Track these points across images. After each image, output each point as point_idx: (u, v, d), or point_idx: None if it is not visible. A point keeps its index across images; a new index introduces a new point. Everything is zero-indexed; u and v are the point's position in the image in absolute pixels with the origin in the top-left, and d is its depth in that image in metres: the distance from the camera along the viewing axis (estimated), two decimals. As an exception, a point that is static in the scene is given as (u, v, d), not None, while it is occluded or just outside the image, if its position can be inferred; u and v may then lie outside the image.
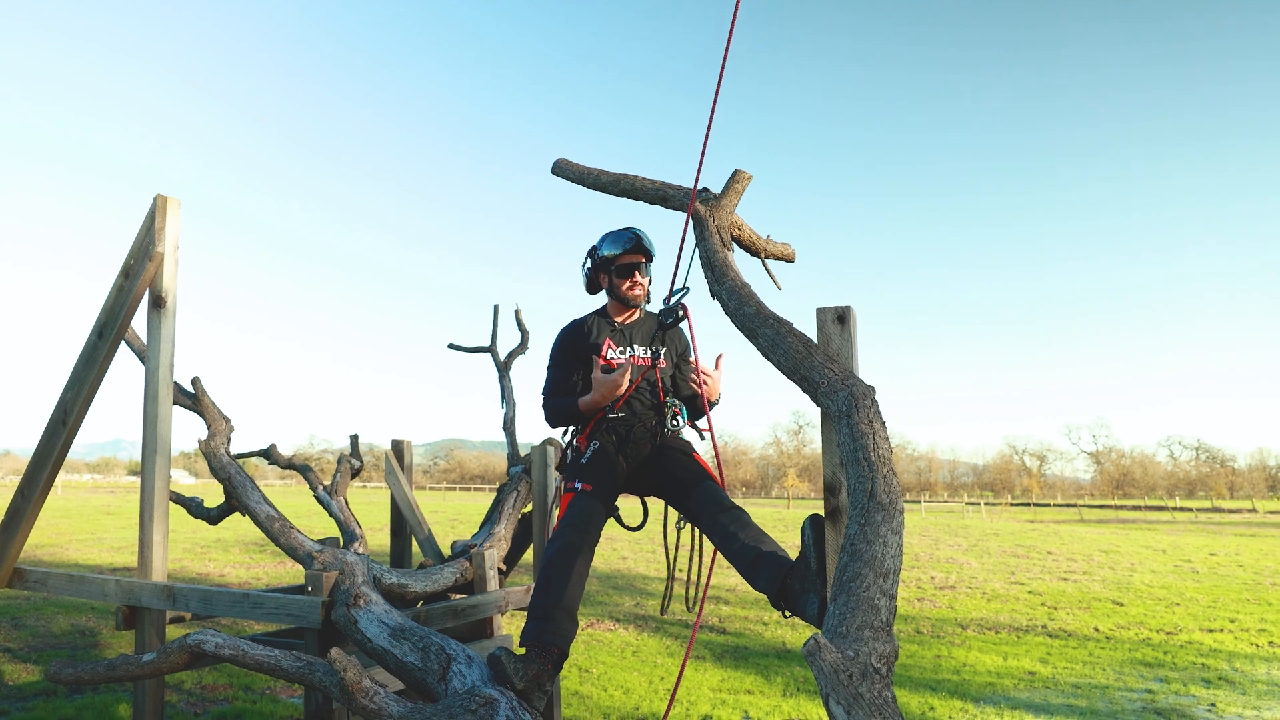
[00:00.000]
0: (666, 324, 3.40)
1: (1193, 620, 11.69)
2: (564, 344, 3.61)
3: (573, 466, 3.39)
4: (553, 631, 2.98)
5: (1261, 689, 7.90)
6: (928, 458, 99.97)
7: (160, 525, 4.47)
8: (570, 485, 3.26)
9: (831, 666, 1.83)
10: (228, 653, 3.13)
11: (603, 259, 3.63)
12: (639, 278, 3.60)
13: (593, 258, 3.69)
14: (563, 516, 3.16)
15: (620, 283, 3.61)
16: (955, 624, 11.28)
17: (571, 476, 3.33)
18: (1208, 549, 23.22)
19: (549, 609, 3.01)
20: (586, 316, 3.68)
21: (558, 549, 3.08)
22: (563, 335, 3.64)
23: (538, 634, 2.97)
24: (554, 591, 3.02)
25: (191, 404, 5.04)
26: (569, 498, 3.22)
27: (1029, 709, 7.06)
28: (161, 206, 4.59)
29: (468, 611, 4.48)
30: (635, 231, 3.61)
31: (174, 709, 6.61)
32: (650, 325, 3.71)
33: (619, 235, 3.60)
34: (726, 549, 3.09)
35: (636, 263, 3.59)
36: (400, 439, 6.20)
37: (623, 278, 3.60)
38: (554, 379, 3.57)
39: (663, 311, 3.41)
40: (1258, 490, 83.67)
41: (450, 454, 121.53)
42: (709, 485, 3.30)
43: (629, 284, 3.60)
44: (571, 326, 3.66)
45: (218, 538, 20.26)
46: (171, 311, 4.61)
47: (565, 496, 3.26)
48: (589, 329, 3.61)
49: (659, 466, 3.42)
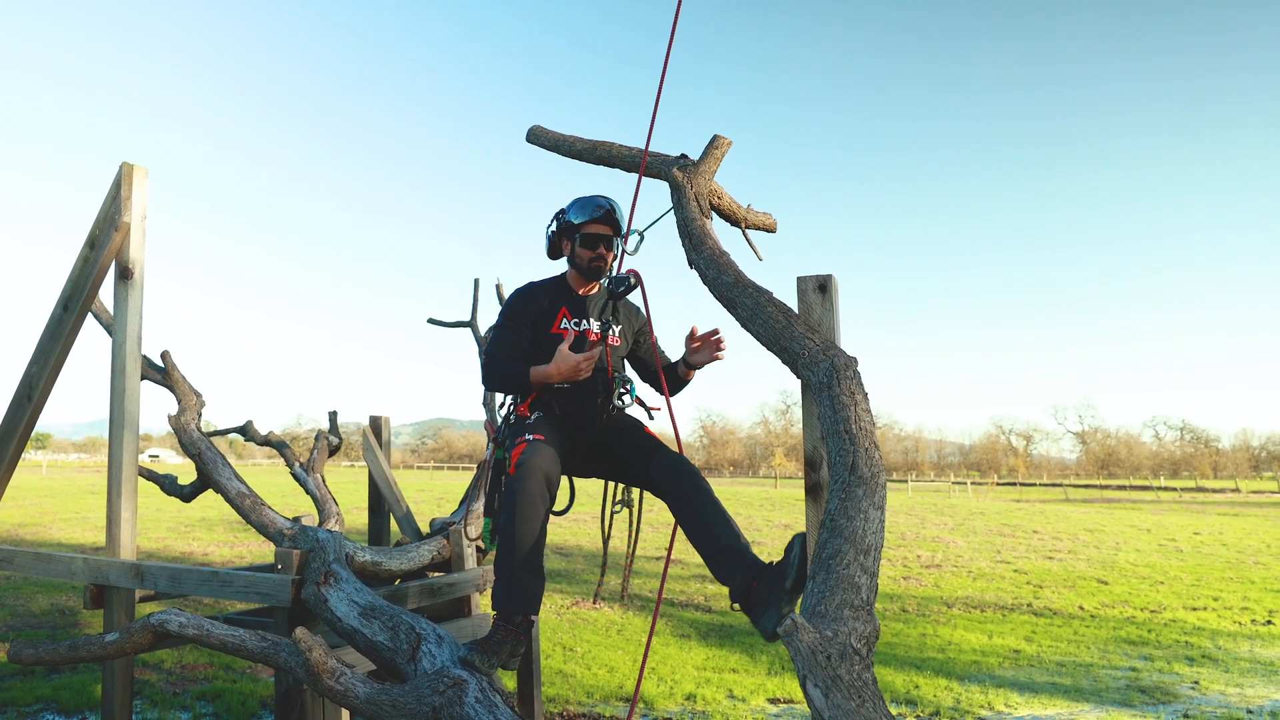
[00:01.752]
0: (618, 292, 3.26)
1: (1176, 599, 11.74)
2: (517, 306, 3.38)
3: (515, 429, 3.20)
4: (521, 598, 2.89)
5: (1244, 666, 7.91)
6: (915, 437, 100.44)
7: (128, 502, 4.36)
8: (519, 439, 3.04)
9: (809, 647, 1.75)
10: (192, 632, 3.04)
11: (568, 224, 3.40)
12: (603, 250, 3.37)
13: (558, 221, 3.46)
14: (516, 467, 2.95)
15: (584, 253, 3.38)
16: (941, 602, 11.29)
17: (516, 435, 3.13)
18: (1192, 528, 23.37)
19: (516, 572, 2.90)
20: (543, 281, 3.48)
21: (517, 500, 2.90)
22: (517, 296, 3.42)
23: (506, 601, 2.89)
24: (518, 549, 2.89)
25: (161, 378, 4.92)
26: (521, 448, 3.00)
27: (1014, 687, 7.05)
28: (128, 175, 4.44)
29: (444, 590, 4.40)
30: (609, 201, 3.39)
31: (153, 688, 6.53)
32: (614, 308, 3.52)
33: (589, 201, 3.38)
34: (688, 527, 2.99)
35: (603, 234, 3.36)
36: (379, 415, 6.09)
37: (587, 248, 3.37)
38: (502, 340, 3.33)
39: (612, 280, 3.27)
40: (1241, 470, 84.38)
41: (438, 433, 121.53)
42: (668, 451, 3.18)
43: (592, 255, 3.37)
44: (527, 288, 3.44)
45: (202, 516, 20.14)
46: (139, 283, 4.48)
47: (515, 450, 3.01)
48: (545, 294, 3.40)
49: (610, 441, 3.28)
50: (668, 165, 3.31)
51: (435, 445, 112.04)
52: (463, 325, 6.42)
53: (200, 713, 6.01)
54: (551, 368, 3.13)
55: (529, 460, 2.93)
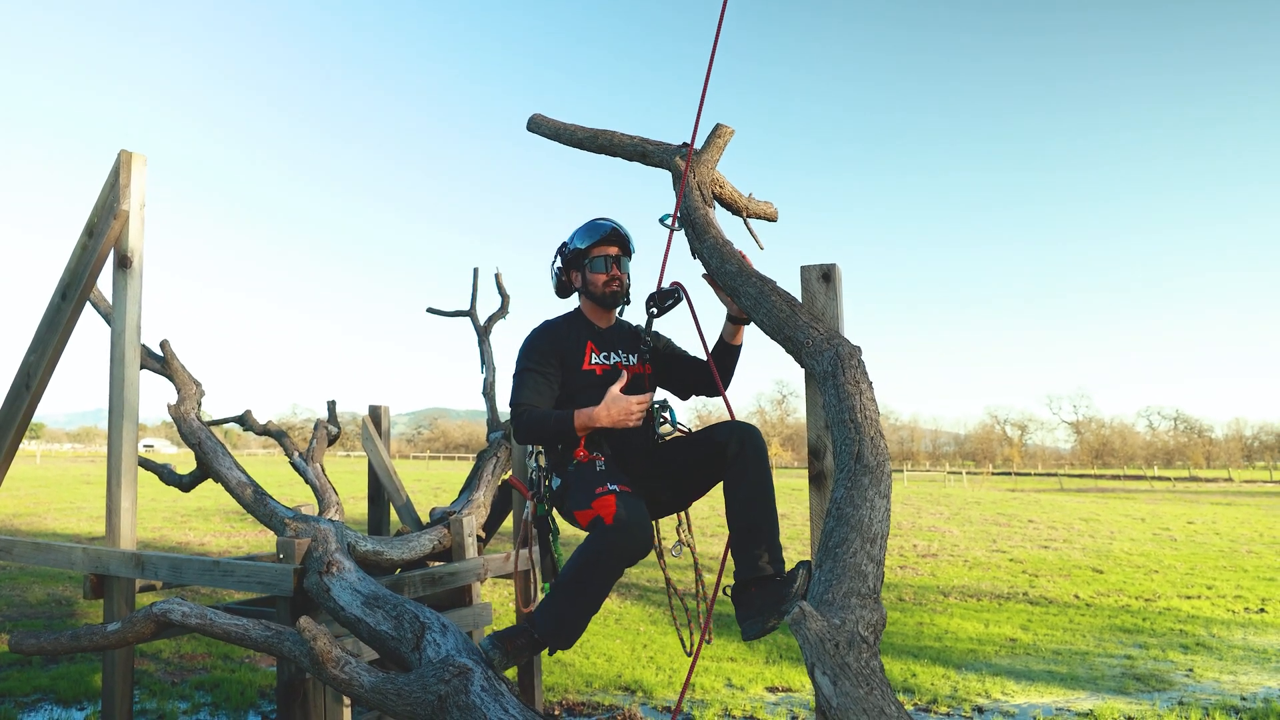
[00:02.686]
0: (666, 306, 3.06)
1: (1171, 587, 11.80)
2: (540, 345, 3.06)
3: (584, 478, 2.85)
4: (569, 636, 2.76)
5: (1238, 654, 7.96)
6: (910, 427, 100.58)
7: (128, 492, 4.35)
8: (602, 490, 2.72)
9: (817, 635, 1.75)
10: (195, 622, 3.04)
11: (575, 253, 3.17)
12: (616, 271, 3.13)
13: (563, 255, 3.23)
14: (614, 518, 2.64)
15: (597, 277, 3.13)
16: (937, 591, 11.33)
17: (591, 484, 2.78)
18: (1185, 517, 23.47)
19: (579, 615, 2.74)
20: (560, 318, 3.21)
21: (610, 555, 2.65)
22: (538, 335, 3.11)
23: (556, 634, 2.75)
24: (590, 597, 2.72)
25: (161, 368, 4.90)
26: (610, 500, 2.68)
27: (1010, 675, 7.08)
28: (126, 162, 4.42)
29: (445, 579, 4.40)
30: (608, 222, 3.18)
31: (151, 678, 6.53)
32: (630, 335, 3.26)
33: (592, 226, 3.17)
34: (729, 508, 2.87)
35: (613, 255, 3.14)
36: (378, 405, 6.08)
37: (599, 271, 3.12)
38: (530, 384, 2.99)
39: (656, 295, 3.07)
40: (1234, 460, 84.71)
41: (434, 423, 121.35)
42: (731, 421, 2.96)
43: (606, 278, 3.12)
44: (546, 327, 3.16)
45: (199, 506, 20.11)
46: (138, 272, 4.46)
47: (602, 501, 2.69)
48: (568, 329, 3.13)
49: (664, 469, 3.03)
50: (670, 154, 3.30)
51: (431, 435, 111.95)
52: (462, 314, 6.41)
53: (199, 702, 6.02)
54: (600, 411, 2.86)
55: (629, 516, 2.66)
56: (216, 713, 5.84)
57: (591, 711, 5.99)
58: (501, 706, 2.31)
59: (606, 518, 2.65)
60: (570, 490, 2.89)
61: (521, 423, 2.96)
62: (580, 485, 2.84)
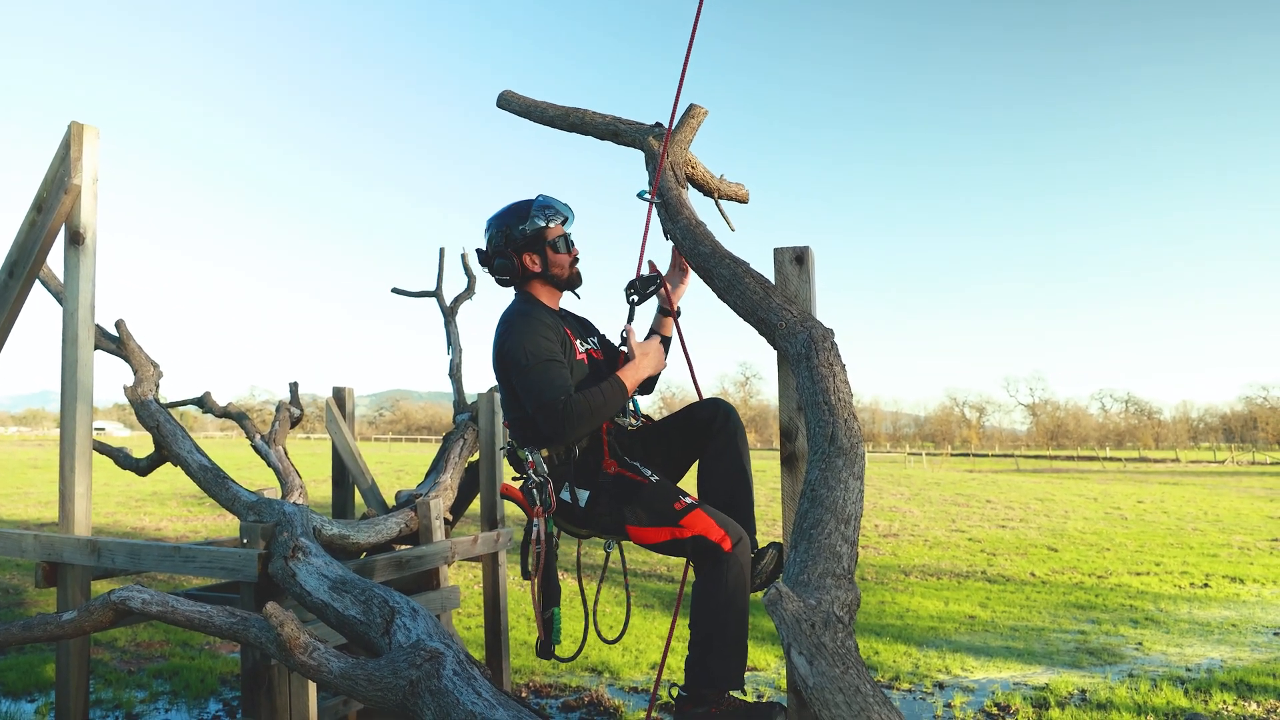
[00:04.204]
0: (647, 293, 2.95)
1: (1122, 564, 12.11)
2: (544, 331, 2.78)
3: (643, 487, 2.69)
4: (740, 673, 2.58)
5: (1184, 628, 8.20)
6: (871, 409, 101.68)
7: (83, 476, 4.24)
8: (683, 503, 2.61)
9: (793, 616, 1.75)
10: (155, 609, 2.97)
11: (530, 236, 2.91)
12: (575, 251, 3.00)
13: (509, 237, 2.93)
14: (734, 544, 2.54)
15: (561, 258, 2.94)
16: (898, 571, 11.50)
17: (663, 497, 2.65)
18: (1135, 497, 24.07)
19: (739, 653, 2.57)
20: (531, 307, 2.90)
21: (742, 579, 2.54)
22: (534, 323, 2.80)
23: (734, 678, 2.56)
24: (742, 634, 2.56)
25: (116, 348, 4.78)
26: (701, 515, 2.58)
27: (969, 651, 7.22)
28: (77, 135, 4.28)
29: (413, 563, 4.37)
30: (550, 199, 2.99)
31: (107, 667, 6.41)
32: (581, 319, 3.11)
33: (537, 205, 2.95)
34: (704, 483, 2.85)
35: (569, 233, 2.99)
36: (342, 386, 6.00)
37: (563, 251, 2.95)
38: (556, 372, 2.71)
39: (639, 281, 2.96)
40: (1181, 441, 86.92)
41: (396, 405, 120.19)
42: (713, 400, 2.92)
43: (570, 258, 2.96)
44: (530, 313, 2.85)
45: (154, 490, 19.75)
46: (91, 249, 4.33)
47: (693, 515, 2.58)
48: (550, 319, 2.87)
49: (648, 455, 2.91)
50: (643, 134, 3.26)
51: (393, 417, 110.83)
52: (428, 295, 6.33)
53: (158, 691, 5.92)
54: (642, 362, 2.78)
55: (738, 531, 2.58)
56: (176, 701, 5.75)
57: (559, 693, 5.99)
58: (474, 690, 2.29)
59: (721, 541, 2.54)
60: (618, 504, 2.69)
61: (572, 416, 2.62)
62: (643, 499, 2.67)
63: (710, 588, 2.53)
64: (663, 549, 2.65)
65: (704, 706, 2.50)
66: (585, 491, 2.75)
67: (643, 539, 2.67)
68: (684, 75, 3.15)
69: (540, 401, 2.65)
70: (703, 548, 2.55)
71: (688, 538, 2.56)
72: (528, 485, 2.82)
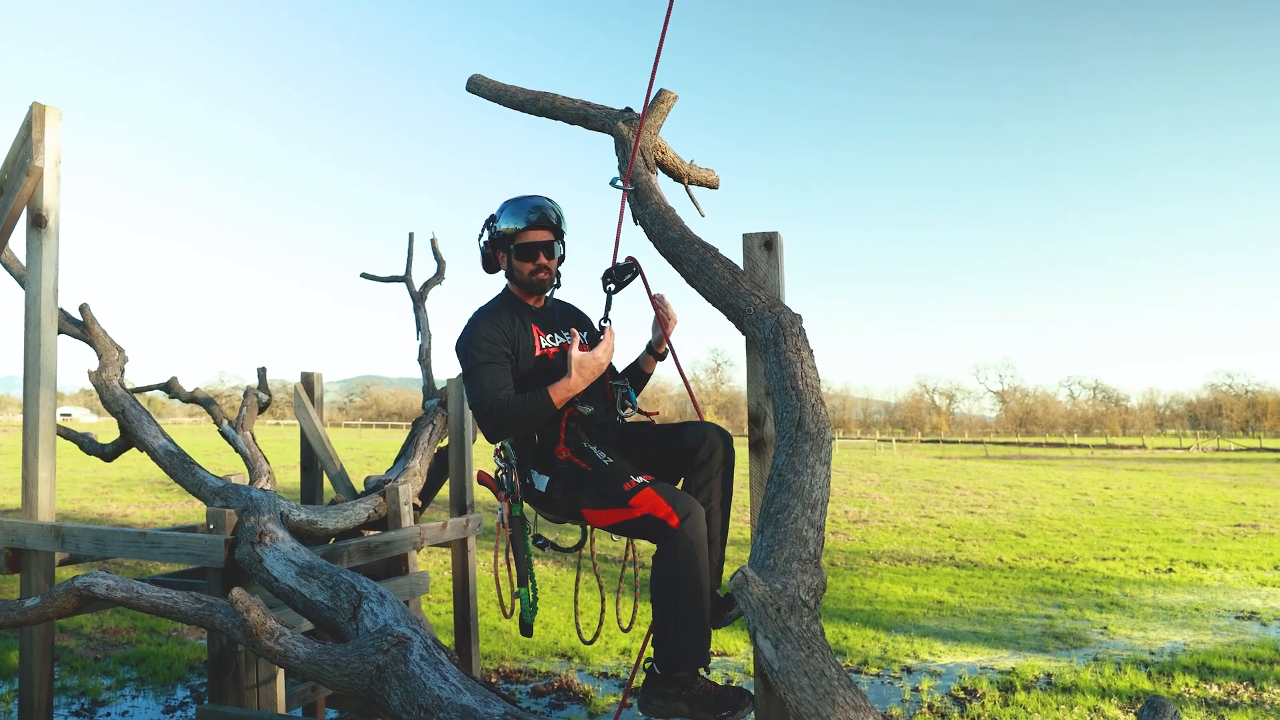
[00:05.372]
0: (623, 282, 2.94)
1: (1088, 550, 12.30)
2: (490, 335, 2.80)
3: (595, 472, 2.69)
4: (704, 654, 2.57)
5: (1148, 611, 8.35)
6: (842, 396, 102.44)
7: (46, 461, 4.18)
8: (633, 483, 2.58)
9: (759, 600, 1.77)
10: (120, 595, 2.94)
11: (501, 234, 2.91)
12: (544, 260, 2.89)
13: (490, 230, 2.96)
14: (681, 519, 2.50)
15: (522, 265, 2.89)
16: (868, 556, 11.61)
17: (613, 479, 2.63)
18: (1102, 483, 24.45)
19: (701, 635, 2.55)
20: (494, 304, 2.94)
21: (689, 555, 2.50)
22: (483, 325, 2.83)
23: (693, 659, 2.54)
24: (700, 610, 2.53)
25: (80, 332, 4.69)
26: (650, 493, 2.54)
27: (937, 636, 7.31)
28: (39, 116, 4.19)
29: (381, 548, 4.34)
30: (541, 202, 2.91)
31: (72, 654, 6.34)
32: (569, 313, 3.09)
33: (521, 205, 2.90)
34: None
35: (542, 242, 2.89)
36: (310, 371, 5.94)
37: (525, 259, 2.88)
38: (490, 376, 2.74)
39: (614, 270, 2.95)
40: (1147, 428, 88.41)
41: (366, 391, 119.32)
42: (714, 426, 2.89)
43: (533, 268, 2.89)
44: (487, 314, 2.88)
45: (121, 477, 19.51)
46: (54, 231, 4.25)
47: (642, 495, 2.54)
48: (509, 316, 2.88)
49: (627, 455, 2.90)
50: (613, 119, 3.25)
51: (364, 403, 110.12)
52: (397, 280, 6.28)
53: (124, 678, 5.86)
54: (575, 377, 2.65)
55: (688, 504, 2.54)
56: (143, 688, 5.70)
57: (529, 679, 6.00)
58: (441, 675, 2.29)
59: (668, 518, 2.50)
60: (573, 489, 2.71)
61: (494, 419, 2.70)
62: (593, 482, 2.67)
63: (661, 565, 2.54)
64: (618, 530, 2.67)
65: (674, 688, 2.51)
66: (545, 477, 2.79)
67: (598, 521, 2.71)
68: (658, 61, 3.13)
69: (471, 402, 2.79)
70: (652, 525, 2.54)
71: (638, 517, 2.56)
72: (497, 471, 2.91)
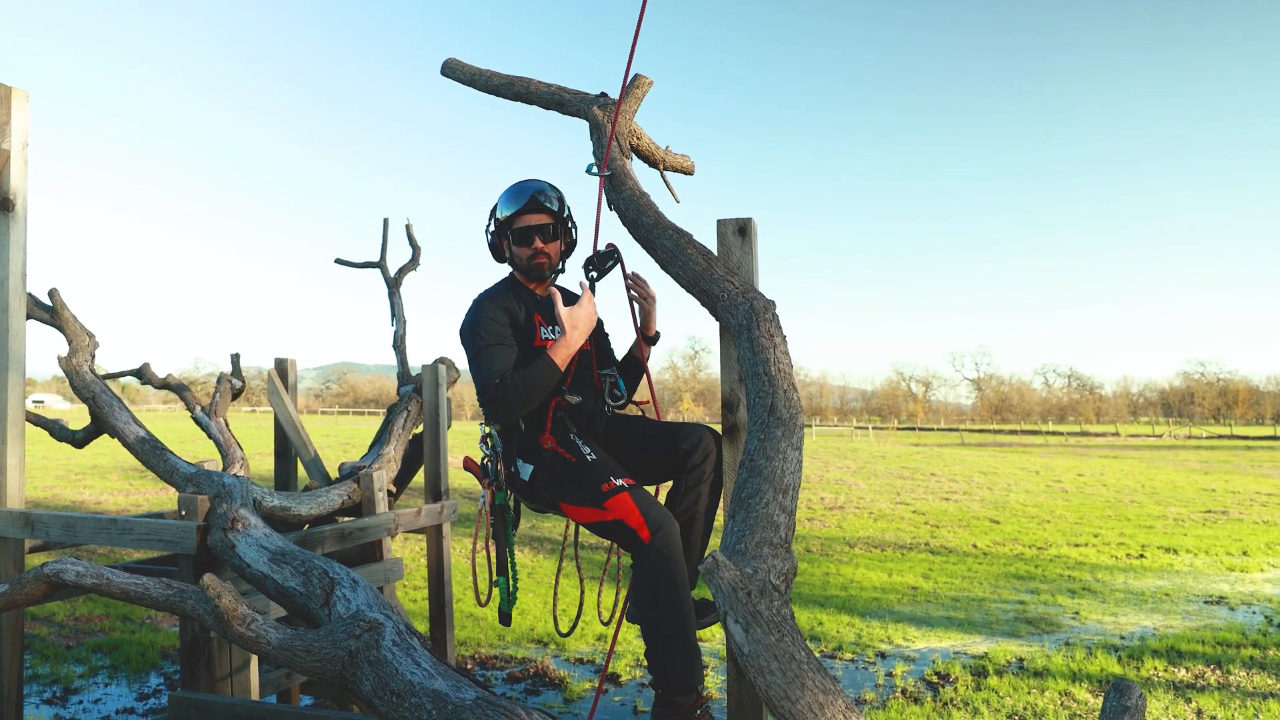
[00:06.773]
0: (605, 269, 2.93)
1: (1061, 536, 12.45)
2: (496, 316, 2.82)
3: (577, 466, 2.67)
4: (697, 672, 2.51)
5: (1119, 597, 8.47)
6: (819, 383, 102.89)
7: (15, 448, 4.13)
8: (609, 485, 2.55)
9: (730, 584, 1.78)
10: (90, 581, 2.91)
11: (500, 221, 2.94)
12: (541, 244, 2.90)
13: (494, 216, 2.98)
14: (653, 532, 2.46)
15: (521, 250, 2.92)
16: (844, 542, 11.70)
17: (592, 477, 2.61)
18: (1076, 470, 24.74)
19: (687, 649, 2.49)
20: (501, 288, 2.97)
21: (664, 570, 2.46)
22: (489, 307, 2.85)
23: (693, 673, 2.49)
24: (684, 623, 2.49)
25: (49, 318, 4.63)
26: (625, 499, 2.51)
27: (912, 622, 7.39)
28: (5, 98, 4.12)
29: (356, 534, 4.33)
30: (536, 185, 2.92)
31: (44, 642, 6.29)
32: (569, 300, 3.03)
33: (517, 190, 2.92)
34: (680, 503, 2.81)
35: (538, 225, 2.89)
36: (284, 357, 5.90)
37: (522, 244, 2.90)
38: (497, 357, 2.74)
39: (596, 256, 2.94)
40: (1121, 415, 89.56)
41: (342, 377, 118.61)
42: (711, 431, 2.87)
43: (530, 252, 2.90)
44: (493, 296, 2.90)
45: (94, 464, 19.30)
46: (22, 215, 4.19)
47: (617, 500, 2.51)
48: (514, 301, 2.90)
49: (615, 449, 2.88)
50: (588, 104, 3.24)
51: (340, 390, 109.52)
52: (372, 266, 6.24)
53: (97, 665, 5.82)
54: (571, 334, 2.67)
55: (662, 518, 2.50)
56: (115, 675, 5.66)
57: (504, 665, 6.01)
58: (414, 660, 2.29)
59: (639, 528, 2.47)
60: (555, 480, 2.71)
61: (503, 397, 2.67)
62: (573, 476, 2.66)
63: (636, 580, 2.54)
64: (593, 529, 2.65)
65: (678, 714, 2.47)
66: (530, 466, 2.79)
67: (575, 516, 2.70)
68: (634, 46, 3.12)
69: (478, 384, 2.77)
70: (624, 532, 2.53)
71: (610, 521, 2.54)
72: (483, 459, 2.91)
